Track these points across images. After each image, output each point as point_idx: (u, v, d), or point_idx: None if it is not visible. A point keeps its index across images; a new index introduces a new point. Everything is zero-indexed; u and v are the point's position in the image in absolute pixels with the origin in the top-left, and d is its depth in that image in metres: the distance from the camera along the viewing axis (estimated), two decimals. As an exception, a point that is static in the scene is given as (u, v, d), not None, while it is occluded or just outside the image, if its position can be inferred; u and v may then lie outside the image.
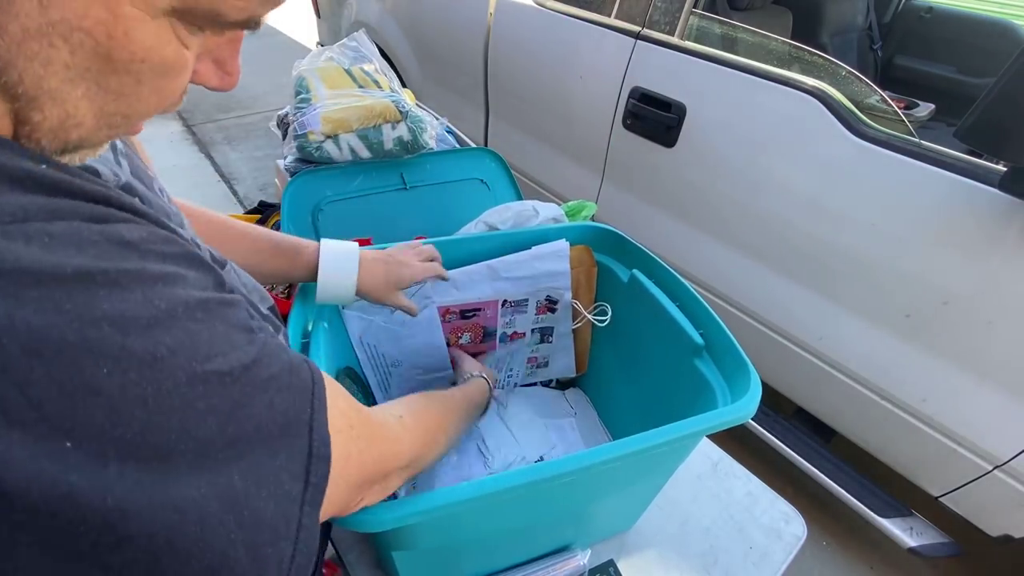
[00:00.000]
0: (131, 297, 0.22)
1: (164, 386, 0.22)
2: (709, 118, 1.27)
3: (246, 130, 3.24)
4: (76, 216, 0.23)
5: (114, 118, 0.26)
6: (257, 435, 0.26)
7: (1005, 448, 1.00)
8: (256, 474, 0.25)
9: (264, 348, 0.28)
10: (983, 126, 0.82)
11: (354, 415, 0.36)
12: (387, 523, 0.42)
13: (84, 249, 0.22)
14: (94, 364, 0.20)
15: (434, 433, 0.49)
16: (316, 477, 0.29)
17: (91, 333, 0.20)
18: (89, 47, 0.22)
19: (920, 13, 2.21)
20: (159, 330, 0.23)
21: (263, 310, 0.50)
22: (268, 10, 0.28)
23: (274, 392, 0.28)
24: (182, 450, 0.23)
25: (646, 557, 0.73)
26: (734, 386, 0.60)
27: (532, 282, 0.80)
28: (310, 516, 0.28)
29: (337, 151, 1.09)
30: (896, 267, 1.05)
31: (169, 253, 0.26)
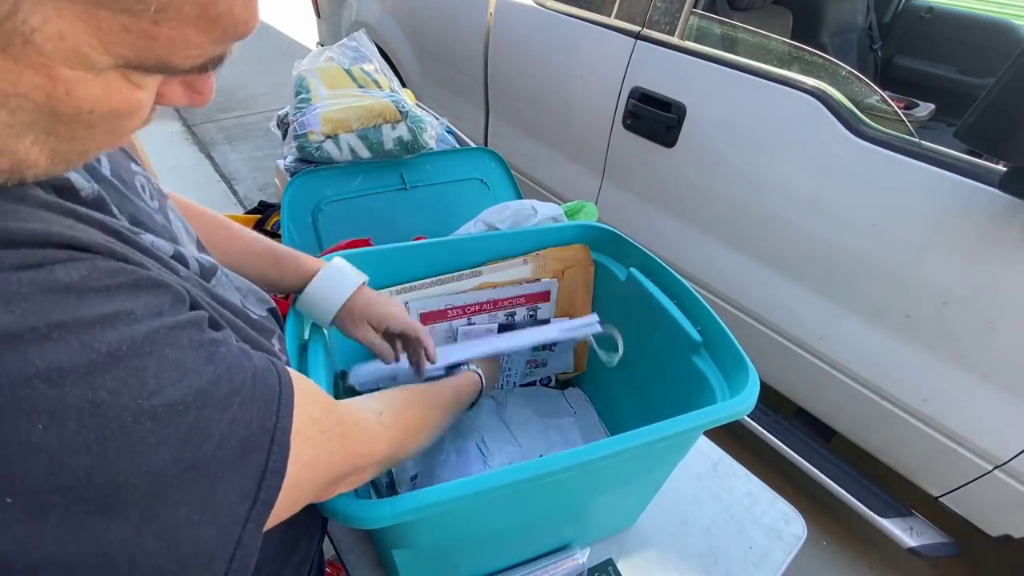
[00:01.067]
0: (65, 348, 0.22)
1: (108, 430, 0.22)
2: (709, 118, 1.27)
3: (246, 130, 3.25)
4: (5, 267, 0.22)
5: (70, 155, 0.26)
6: (216, 455, 0.26)
7: (1005, 448, 1.00)
8: (204, 498, 0.26)
9: (224, 363, 0.28)
10: (983, 126, 0.82)
11: (325, 418, 0.36)
12: (386, 519, 0.42)
13: (12, 305, 0.21)
14: (28, 422, 0.20)
15: (414, 430, 0.49)
16: (266, 493, 0.29)
17: (22, 393, 0.20)
18: (29, 108, 0.22)
19: (920, 13, 2.21)
20: (98, 375, 0.23)
21: (260, 312, 0.50)
22: (224, 50, 0.27)
23: (237, 407, 0.28)
24: (134, 484, 0.23)
25: (645, 556, 0.73)
26: (732, 382, 0.60)
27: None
28: (251, 534, 0.28)
29: (337, 151, 1.09)
30: (896, 267, 1.05)
31: (114, 285, 0.25)
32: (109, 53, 0.22)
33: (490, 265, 0.81)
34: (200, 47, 0.25)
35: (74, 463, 0.21)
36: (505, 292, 0.82)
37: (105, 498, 0.22)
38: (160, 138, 3.06)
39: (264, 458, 0.29)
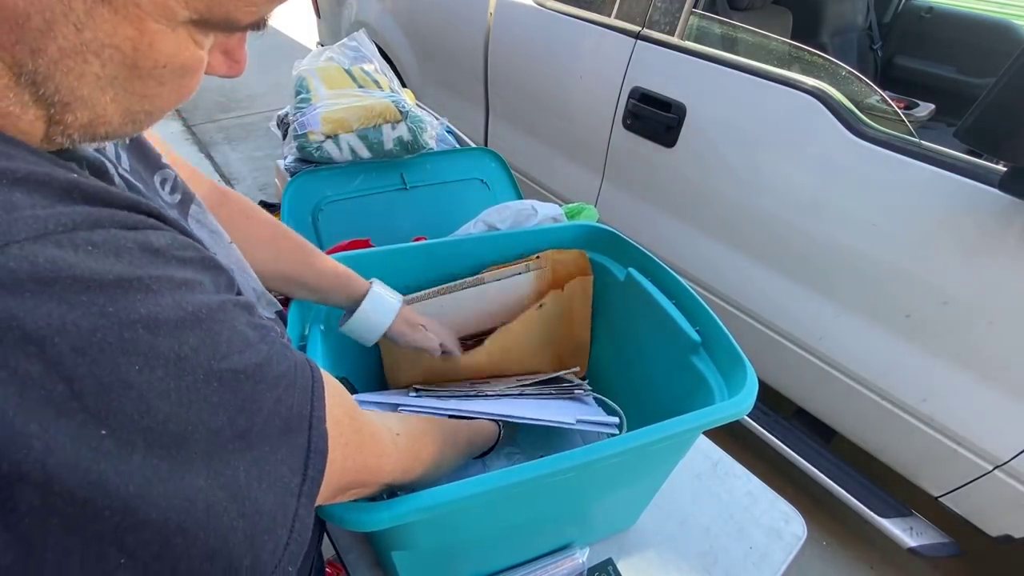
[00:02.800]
0: (162, 301, 0.24)
1: (185, 381, 0.24)
2: (709, 118, 1.27)
3: (246, 130, 3.25)
4: (113, 224, 0.25)
5: (138, 115, 0.28)
6: (264, 429, 0.28)
7: (1005, 448, 1.00)
8: (259, 467, 0.27)
9: (274, 347, 0.30)
10: (983, 126, 0.82)
11: (348, 422, 0.37)
12: (384, 522, 0.42)
13: (121, 256, 0.24)
14: (128, 362, 0.22)
15: (424, 460, 0.49)
16: (313, 471, 0.31)
17: (128, 335, 0.23)
18: (118, 59, 0.25)
19: (920, 13, 2.21)
20: (185, 331, 0.25)
21: (269, 315, 0.50)
22: (273, 8, 0.30)
23: (282, 389, 0.30)
24: (196, 439, 0.25)
25: (645, 556, 0.73)
26: (731, 382, 0.60)
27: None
28: (306, 507, 0.30)
29: (337, 151, 1.09)
30: (896, 267, 1.05)
31: (188, 258, 0.28)
32: (188, 7, 0.25)
33: (491, 271, 0.81)
34: (257, 3, 0.28)
35: (157, 407, 0.23)
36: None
37: (176, 445, 0.24)
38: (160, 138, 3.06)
39: (306, 440, 0.31)
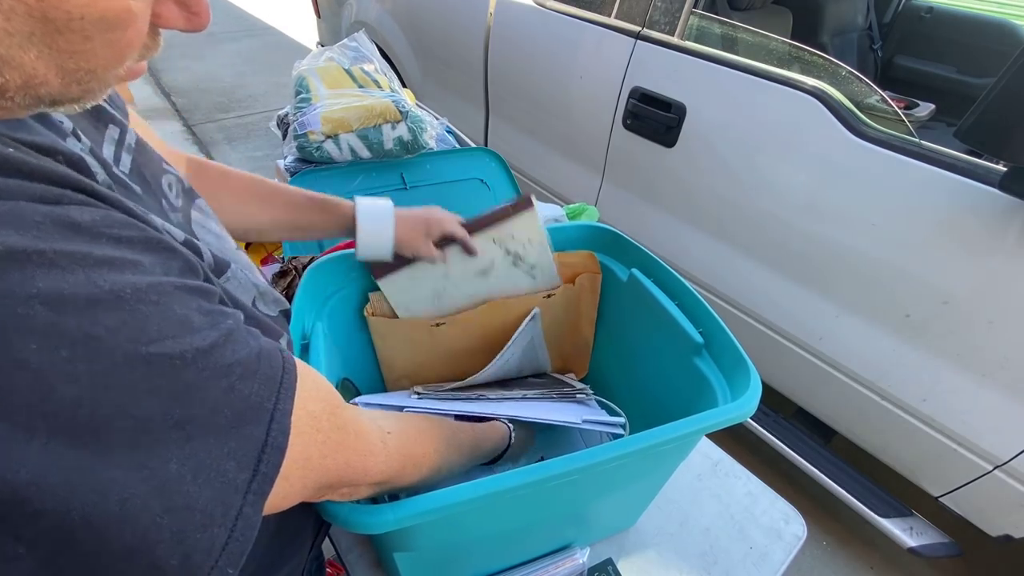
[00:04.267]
0: (70, 277, 0.23)
1: (100, 365, 0.23)
2: (709, 118, 1.27)
3: (246, 130, 3.25)
4: (23, 196, 0.23)
5: (78, 74, 0.26)
6: (208, 420, 0.26)
7: (1005, 448, 1.00)
8: (197, 459, 0.26)
9: (228, 333, 0.29)
10: (983, 126, 0.82)
11: (326, 418, 0.35)
12: (388, 524, 0.42)
13: (24, 229, 0.22)
14: (22, 340, 0.21)
15: (417, 461, 0.47)
16: (267, 467, 0.29)
17: (21, 311, 0.21)
18: (22, 12, 0.22)
19: (920, 13, 2.21)
20: (99, 310, 0.23)
21: (271, 312, 0.50)
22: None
23: (235, 378, 0.28)
24: (118, 428, 0.23)
25: (645, 556, 0.73)
26: (734, 384, 0.60)
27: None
28: (253, 505, 0.28)
29: (337, 151, 1.09)
30: (896, 267, 1.05)
31: (124, 237, 0.26)
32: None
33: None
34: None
35: (61, 391, 0.22)
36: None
37: (89, 433, 0.22)
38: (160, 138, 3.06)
39: (264, 433, 0.29)
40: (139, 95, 3.42)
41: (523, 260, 0.78)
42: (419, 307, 0.76)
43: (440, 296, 0.77)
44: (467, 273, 0.76)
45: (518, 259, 0.77)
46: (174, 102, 3.51)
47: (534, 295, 0.80)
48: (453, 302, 0.78)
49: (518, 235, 0.76)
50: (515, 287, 0.79)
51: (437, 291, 0.76)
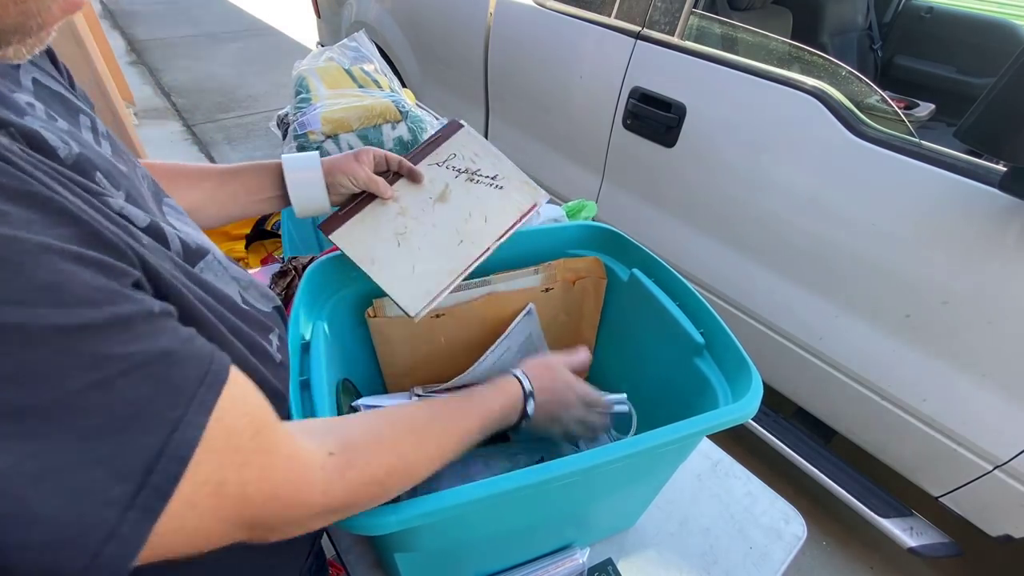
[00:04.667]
0: None
1: None
2: (709, 118, 1.27)
3: (246, 130, 3.24)
4: None
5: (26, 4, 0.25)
6: (63, 415, 0.22)
7: (1005, 448, 1.00)
8: (43, 461, 0.21)
9: (127, 322, 0.25)
10: (983, 126, 0.82)
11: (249, 438, 0.30)
12: (390, 526, 0.42)
13: None
14: None
15: (380, 479, 0.39)
16: (160, 479, 0.24)
17: None
18: None
19: (920, 13, 2.21)
20: None
21: (263, 307, 0.50)
22: None
23: (118, 374, 0.24)
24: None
25: (646, 557, 0.73)
26: (735, 385, 0.60)
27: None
28: (136, 525, 0.24)
29: (337, 151, 1.09)
30: (896, 267, 1.05)
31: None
32: None
33: (499, 274, 0.81)
34: None
35: None
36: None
37: None
38: (160, 138, 3.06)
39: (158, 443, 0.25)
40: (139, 95, 3.42)
41: (479, 174, 0.72)
42: (383, 252, 0.67)
43: (404, 235, 0.68)
44: (423, 204, 0.70)
45: (473, 174, 0.71)
46: (174, 102, 3.51)
47: (518, 213, 0.71)
48: (421, 238, 0.68)
49: (460, 152, 0.72)
50: (488, 206, 0.71)
51: (397, 230, 0.68)
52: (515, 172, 0.72)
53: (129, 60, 4.07)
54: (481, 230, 0.69)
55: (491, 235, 0.68)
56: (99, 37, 2.52)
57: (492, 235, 0.68)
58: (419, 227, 0.68)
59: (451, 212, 0.69)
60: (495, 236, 0.68)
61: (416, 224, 0.68)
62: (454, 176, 0.71)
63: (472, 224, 0.69)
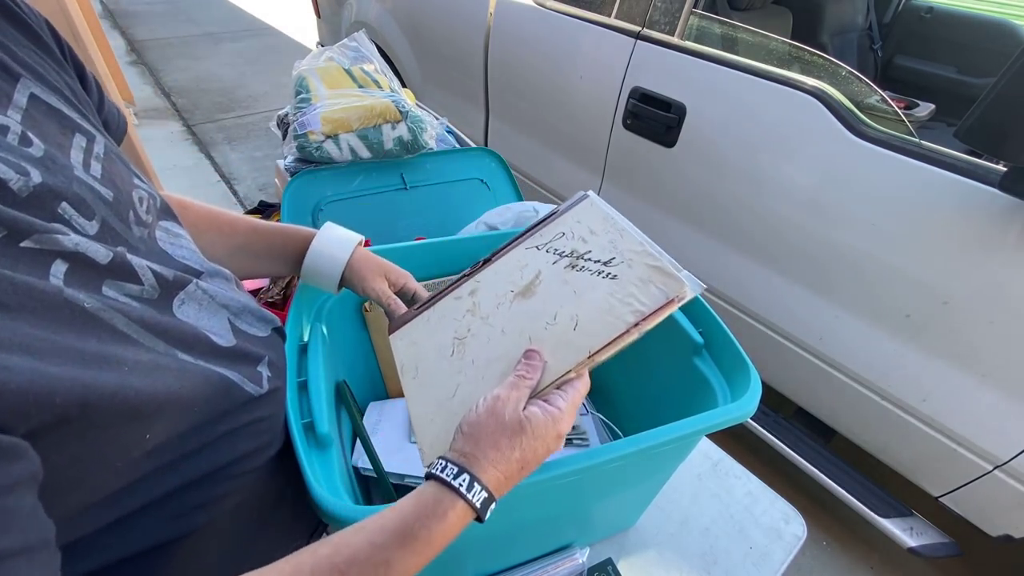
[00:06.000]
0: None
1: None
2: (709, 118, 1.27)
3: (246, 130, 3.24)
4: None
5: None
6: None
7: (1005, 448, 1.00)
8: None
9: None
10: (983, 126, 0.82)
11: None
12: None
13: None
14: None
15: None
16: None
17: None
18: None
19: (920, 13, 2.21)
20: None
21: (259, 333, 0.49)
22: None
23: None
24: None
25: (646, 556, 0.73)
26: (734, 385, 0.60)
27: None
28: None
29: (337, 151, 1.09)
30: (896, 267, 1.05)
31: None
32: None
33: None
34: None
35: None
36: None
37: None
38: (160, 138, 3.06)
39: None
40: (139, 95, 3.42)
41: (587, 257, 0.49)
42: (430, 362, 0.51)
43: (462, 341, 0.51)
44: (499, 300, 0.51)
45: (579, 258, 0.49)
46: (174, 102, 3.51)
47: (633, 316, 0.44)
48: (480, 348, 0.49)
49: (573, 229, 0.51)
50: (585, 304, 0.46)
51: (458, 334, 0.52)
52: (642, 254, 0.47)
53: (129, 60, 4.07)
54: (563, 342, 0.45)
55: (576, 350, 0.44)
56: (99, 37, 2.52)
57: (577, 351, 0.44)
58: (483, 331, 0.50)
59: (530, 312, 0.49)
60: (582, 353, 0.44)
61: (482, 327, 0.51)
62: (552, 262, 0.51)
63: (553, 331, 0.46)
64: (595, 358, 0.44)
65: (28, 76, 0.37)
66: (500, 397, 0.41)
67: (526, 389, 0.42)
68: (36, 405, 0.27)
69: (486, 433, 0.39)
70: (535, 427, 0.39)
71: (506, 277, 0.52)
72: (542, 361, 0.44)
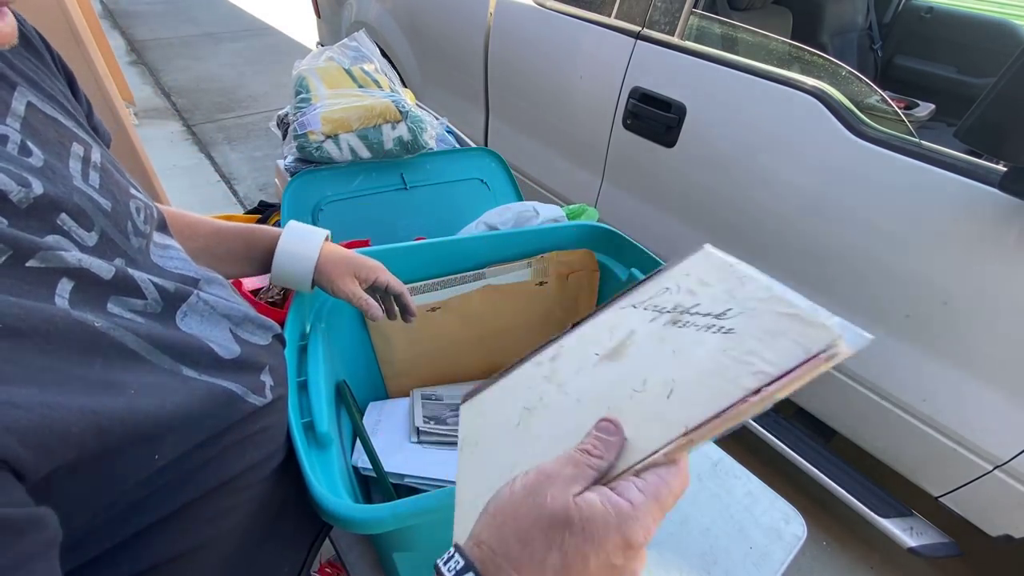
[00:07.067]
0: None
1: None
2: (709, 118, 1.27)
3: (246, 130, 3.24)
4: None
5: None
6: None
7: (1005, 448, 1.00)
8: None
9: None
10: (983, 126, 0.82)
11: None
12: (386, 524, 0.42)
13: None
14: None
15: None
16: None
17: None
18: None
19: (920, 13, 2.21)
20: None
21: (260, 342, 0.48)
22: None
23: None
24: None
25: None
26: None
27: None
28: None
29: (337, 151, 1.09)
30: (896, 267, 1.05)
31: None
32: None
33: (493, 267, 0.81)
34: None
35: None
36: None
37: None
38: (160, 138, 3.06)
39: None
40: (139, 95, 3.43)
41: (694, 311, 0.40)
42: (493, 433, 0.42)
43: (532, 411, 0.41)
44: (581, 363, 0.41)
45: (684, 312, 0.40)
46: (174, 102, 3.51)
47: (754, 382, 0.29)
48: (551, 418, 0.39)
49: (682, 282, 0.42)
50: (685, 367, 0.34)
51: (529, 403, 0.42)
52: (771, 300, 0.36)
53: (129, 60, 4.07)
54: (652, 413, 0.33)
55: (667, 425, 0.32)
56: (99, 37, 2.52)
57: (669, 426, 0.31)
58: (556, 401, 0.41)
59: (615, 378, 0.38)
60: (675, 429, 0.31)
61: (556, 395, 0.41)
62: (649, 319, 0.40)
63: (641, 400, 0.35)
64: (693, 436, 0.31)
65: (24, 84, 0.37)
66: (548, 473, 0.29)
67: (587, 469, 0.29)
68: (57, 439, 0.26)
69: (516, 519, 0.28)
70: (587, 522, 0.26)
71: (593, 340, 0.42)
72: (620, 436, 0.31)
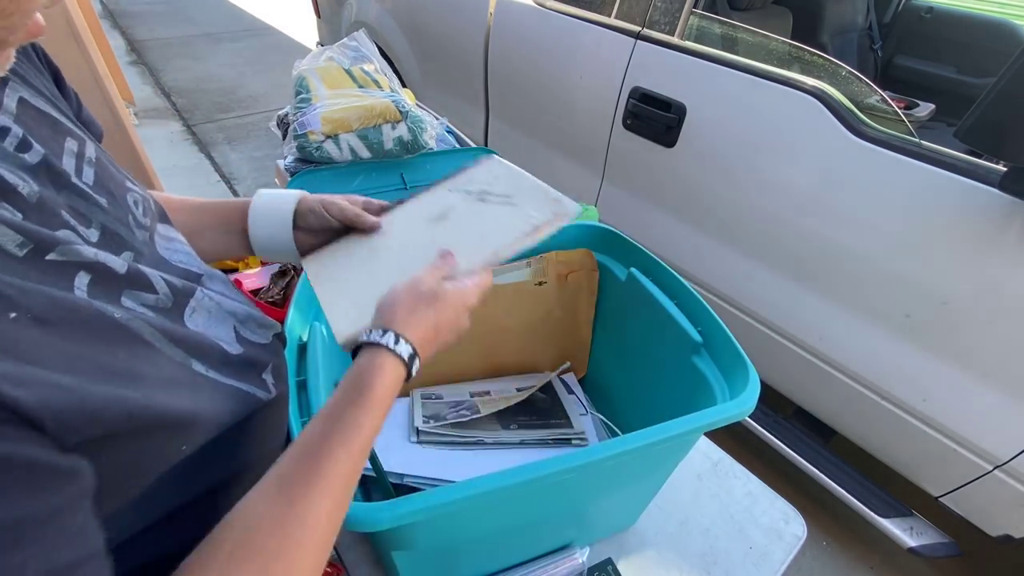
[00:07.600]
0: None
1: None
2: (709, 118, 1.27)
3: (246, 130, 3.25)
4: None
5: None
6: None
7: (1005, 448, 1.00)
8: None
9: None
10: (983, 126, 0.82)
11: None
12: (385, 522, 0.42)
13: None
14: None
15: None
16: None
17: None
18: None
19: (920, 13, 2.21)
20: None
21: (261, 339, 0.48)
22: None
23: None
24: None
25: (645, 556, 0.73)
26: (732, 383, 0.60)
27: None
28: None
29: (337, 151, 1.09)
30: (896, 267, 1.05)
31: None
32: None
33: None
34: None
35: None
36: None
37: None
38: (160, 138, 3.06)
39: None
40: (139, 95, 3.43)
41: (490, 193, 0.61)
42: (341, 270, 0.57)
43: (375, 252, 0.57)
44: (412, 224, 0.59)
45: (485, 195, 0.61)
46: (174, 102, 3.51)
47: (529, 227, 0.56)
48: (394, 256, 0.57)
49: (480, 177, 0.62)
50: (491, 223, 0.58)
51: (372, 248, 0.58)
52: (537, 189, 0.60)
53: (129, 60, 4.07)
54: (472, 248, 0.55)
55: (483, 253, 0.54)
56: (99, 37, 2.52)
57: (484, 252, 0.54)
58: (397, 246, 0.58)
59: (442, 232, 0.58)
60: (489, 252, 0.54)
61: (396, 243, 0.58)
62: (462, 198, 0.61)
63: (464, 242, 0.56)
64: (499, 254, 0.54)
65: (14, 79, 0.37)
66: (419, 277, 0.47)
67: (440, 272, 0.48)
68: (89, 422, 0.27)
69: (402, 304, 0.44)
70: (448, 296, 0.46)
71: (419, 212, 0.60)
72: (455, 259, 0.52)
